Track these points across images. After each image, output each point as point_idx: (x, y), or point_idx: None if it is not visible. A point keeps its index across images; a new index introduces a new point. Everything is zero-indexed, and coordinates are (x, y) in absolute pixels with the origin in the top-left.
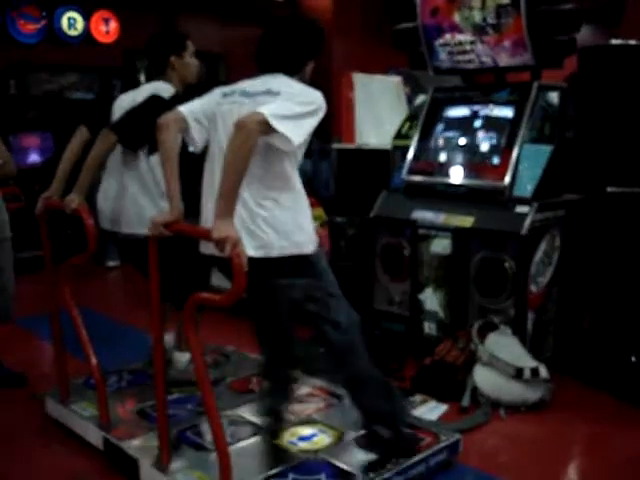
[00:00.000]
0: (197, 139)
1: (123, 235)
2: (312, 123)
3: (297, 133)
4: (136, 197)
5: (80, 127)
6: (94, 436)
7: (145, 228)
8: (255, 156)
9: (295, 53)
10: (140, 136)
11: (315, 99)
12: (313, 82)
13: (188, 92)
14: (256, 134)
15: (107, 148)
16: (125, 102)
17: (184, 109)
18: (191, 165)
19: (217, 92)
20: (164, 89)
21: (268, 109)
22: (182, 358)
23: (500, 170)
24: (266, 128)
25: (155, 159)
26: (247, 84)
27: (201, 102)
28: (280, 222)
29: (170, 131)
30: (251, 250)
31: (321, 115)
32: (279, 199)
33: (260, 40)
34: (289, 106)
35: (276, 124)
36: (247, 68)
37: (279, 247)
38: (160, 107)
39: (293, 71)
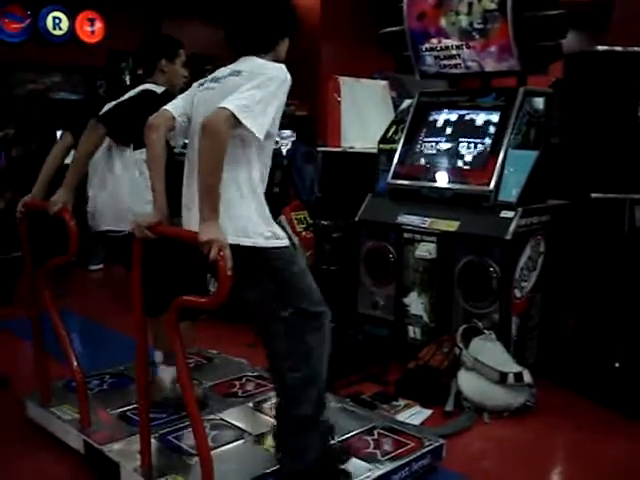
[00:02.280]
0: (181, 135)
1: (106, 232)
2: (276, 104)
3: (261, 125)
4: (120, 193)
5: (65, 133)
6: (75, 440)
7: (128, 225)
8: None
9: (264, 32)
10: (131, 128)
11: (277, 73)
12: (301, 85)
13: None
14: (225, 132)
15: (96, 141)
16: (113, 102)
17: (169, 107)
18: (177, 166)
19: (195, 84)
20: (154, 86)
21: (231, 103)
22: (166, 376)
23: (485, 175)
24: (233, 123)
25: (141, 154)
26: (219, 70)
27: (183, 97)
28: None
29: (160, 132)
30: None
31: (286, 88)
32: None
33: (227, 20)
34: (251, 93)
35: (242, 118)
36: None
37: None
38: (152, 100)
39: (264, 50)
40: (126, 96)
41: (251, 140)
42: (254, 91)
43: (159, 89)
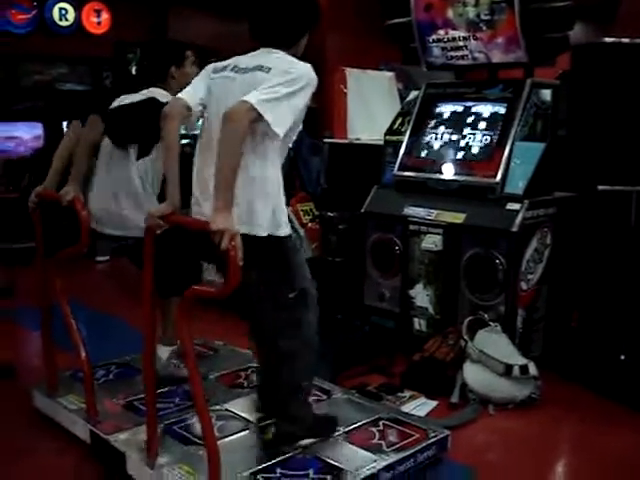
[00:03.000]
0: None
1: (110, 235)
2: (300, 103)
3: (282, 122)
4: (124, 199)
5: (73, 122)
6: (81, 429)
7: (130, 230)
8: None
9: (291, 26)
10: (128, 131)
11: (305, 73)
12: None
13: None
14: (246, 124)
15: (94, 135)
16: (121, 102)
17: (183, 94)
18: (187, 158)
19: (209, 68)
20: (162, 95)
21: (254, 96)
22: (163, 354)
23: (492, 167)
24: (255, 116)
25: (144, 163)
26: (240, 59)
27: (197, 84)
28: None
29: (175, 121)
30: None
31: (311, 91)
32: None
33: (255, 12)
34: (276, 89)
35: (264, 112)
36: None
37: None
38: (155, 110)
39: (288, 44)
40: (134, 97)
41: (272, 136)
42: (280, 87)
43: (165, 98)
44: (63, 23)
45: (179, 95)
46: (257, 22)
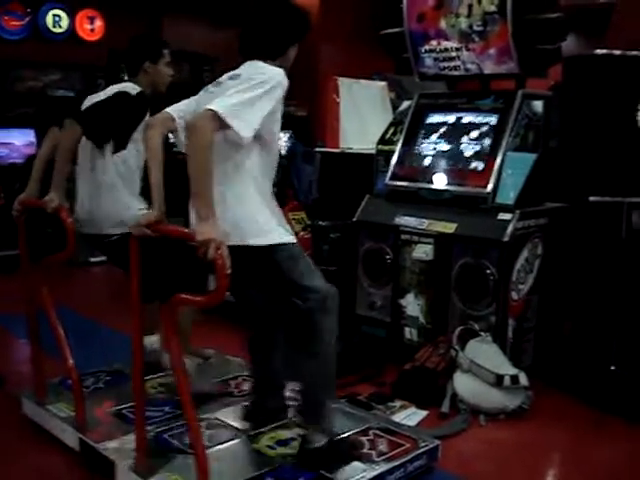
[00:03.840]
0: (183, 138)
1: (96, 235)
2: (266, 106)
3: (247, 124)
4: (104, 197)
5: (52, 128)
6: (70, 437)
7: (113, 228)
8: None
9: (276, 37)
10: (104, 129)
11: (273, 75)
12: (299, 85)
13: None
14: (209, 131)
15: (73, 139)
16: (93, 100)
17: (170, 109)
18: (175, 165)
19: (202, 90)
20: (130, 87)
21: (216, 103)
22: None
23: (483, 177)
24: (218, 123)
25: (121, 157)
26: (224, 75)
27: (186, 101)
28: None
29: (157, 129)
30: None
31: (280, 93)
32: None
33: (243, 24)
34: (239, 94)
35: (226, 117)
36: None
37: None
38: (126, 102)
39: (273, 56)
40: (102, 95)
41: (243, 144)
42: (243, 92)
43: (134, 90)
44: (57, 30)
45: (165, 109)
46: (242, 36)
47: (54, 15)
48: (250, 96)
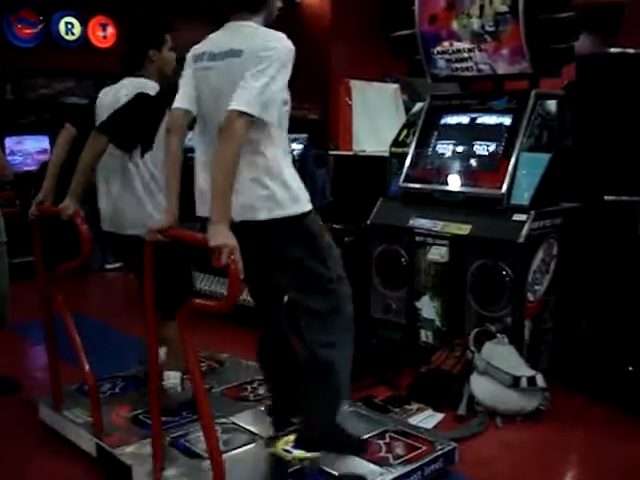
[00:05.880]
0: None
1: (117, 235)
2: (282, 83)
3: (273, 109)
4: (121, 198)
5: (65, 125)
6: (87, 443)
7: (130, 229)
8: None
9: None
10: (132, 135)
11: (279, 50)
12: (312, 88)
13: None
14: (243, 135)
15: (99, 150)
16: (107, 100)
17: (179, 104)
18: (187, 170)
19: (188, 59)
20: (149, 86)
21: (240, 101)
22: (175, 379)
23: (498, 178)
24: (248, 119)
25: (143, 160)
26: (213, 42)
27: (185, 86)
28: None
29: (177, 135)
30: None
31: (290, 65)
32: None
33: None
34: (257, 83)
35: (256, 113)
36: None
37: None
38: (148, 104)
39: (254, 7)
40: (121, 94)
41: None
42: (260, 78)
43: (153, 90)
44: (69, 37)
45: (174, 105)
46: None
47: (66, 22)
48: (266, 81)
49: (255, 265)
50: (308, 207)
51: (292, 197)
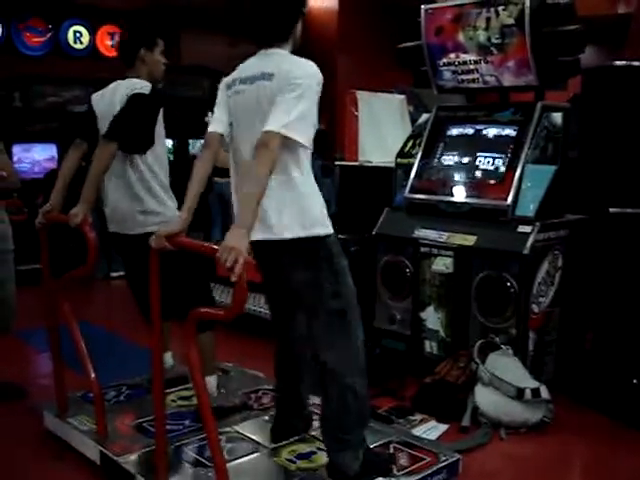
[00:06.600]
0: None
1: (122, 235)
2: (314, 107)
3: (309, 135)
4: (122, 197)
5: (75, 141)
6: (91, 450)
7: (133, 228)
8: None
9: (279, 17)
10: (140, 138)
11: (309, 75)
12: (318, 99)
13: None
14: (276, 154)
15: (110, 157)
16: (102, 104)
17: (215, 127)
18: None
19: (222, 86)
20: (142, 85)
21: (276, 123)
22: (211, 386)
23: (503, 189)
24: (283, 140)
25: (143, 157)
26: (244, 68)
27: (220, 108)
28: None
29: (213, 151)
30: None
31: (319, 89)
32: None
33: (243, 10)
34: (292, 109)
35: (292, 135)
36: None
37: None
38: (146, 103)
39: (282, 37)
40: (116, 98)
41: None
42: (295, 104)
43: (146, 89)
44: (77, 46)
45: (210, 129)
46: (248, 19)
47: (75, 31)
48: (302, 108)
49: (276, 282)
50: (330, 230)
51: (314, 218)
